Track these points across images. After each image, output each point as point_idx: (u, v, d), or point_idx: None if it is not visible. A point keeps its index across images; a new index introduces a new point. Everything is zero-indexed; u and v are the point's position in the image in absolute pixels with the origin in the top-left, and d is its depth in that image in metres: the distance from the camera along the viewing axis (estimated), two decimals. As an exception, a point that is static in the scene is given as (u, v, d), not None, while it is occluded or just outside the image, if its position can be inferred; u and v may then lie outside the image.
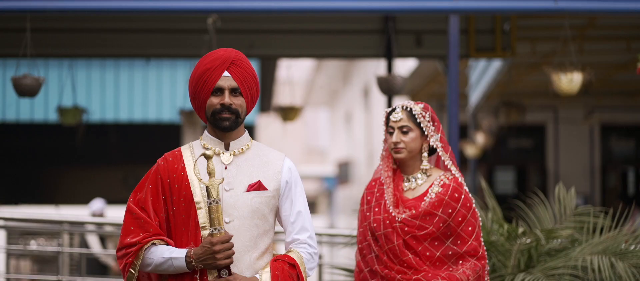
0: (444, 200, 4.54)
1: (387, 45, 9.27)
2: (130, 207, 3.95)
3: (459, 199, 4.56)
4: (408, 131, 4.61)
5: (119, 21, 9.40)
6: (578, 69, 7.94)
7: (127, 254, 3.88)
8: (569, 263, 5.65)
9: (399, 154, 4.61)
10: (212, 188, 3.80)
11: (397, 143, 4.61)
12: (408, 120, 4.61)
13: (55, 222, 7.96)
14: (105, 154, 17.06)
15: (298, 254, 4.01)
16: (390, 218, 4.55)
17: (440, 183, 4.59)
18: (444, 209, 4.54)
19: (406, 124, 4.61)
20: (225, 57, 3.98)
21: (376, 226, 4.57)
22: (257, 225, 3.95)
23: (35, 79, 7.67)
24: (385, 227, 4.54)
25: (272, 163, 4.03)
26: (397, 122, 4.62)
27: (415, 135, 4.60)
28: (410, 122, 4.61)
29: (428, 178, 4.63)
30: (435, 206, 4.54)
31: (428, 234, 4.52)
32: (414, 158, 4.64)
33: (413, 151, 4.61)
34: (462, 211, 4.56)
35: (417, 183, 4.62)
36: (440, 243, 4.53)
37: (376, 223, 4.57)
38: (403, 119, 4.61)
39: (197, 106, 4.03)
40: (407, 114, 4.62)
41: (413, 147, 4.61)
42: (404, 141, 4.60)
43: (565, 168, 17.28)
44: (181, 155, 4.01)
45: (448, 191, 4.56)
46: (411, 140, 4.60)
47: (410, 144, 4.60)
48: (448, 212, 4.54)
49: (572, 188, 6.34)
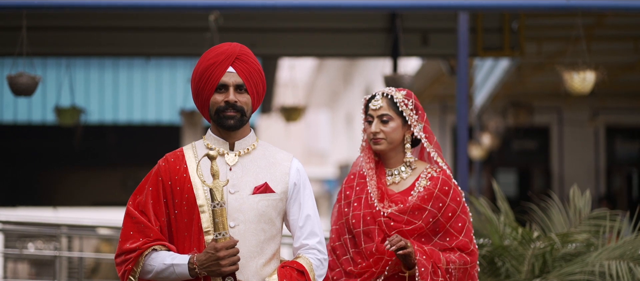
0: (433, 193, 4.22)
1: (393, 44, 9.12)
2: (129, 211, 3.82)
3: (448, 193, 4.25)
4: (388, 120, 4.27)
5: (117, 19, 9.33)
6: (591, 68, 7.77)
7: (126, 260, 3.76)
8: (585, 268, 5.48)
9: (378, 145, 4.29)
10: (216, 191, 3.67)
11: (376, 133, 4.28)
12: (389, 108, 4.27)
13: (53, 225, 7.83)
14: (104, 155, 17.11)
15: (307, 260, 3.86)
16: (373, 214, 4.20)
17: (428, 176, 4.27)
18: (433, 203, 4.21)
19: (386, 113, 4.27)
20: (230, 52, 3.85)
21: (355, 223, 4.24)
22: (263, 230, 3.81)
23: (32, 78, 7.61)
24: (366, 224, 4.20)
25: (280, 164, 3.90)
26: (377, 111, 4.28)
27: (396, 125, 4.27)
28: (391, 111, 4.27)
29: (413, 171, 4.30)
30: (425, 200, 4.21)
31: (416, 229, 4.19)
32: (395, 150, 4.31)
33: (394, 142, 4.28)
34: (451, 206, 4.24)
35: (401, 177, 4.29)
36: (427, 239, 4.20)
37: (355, 219, 4.23)
38: (383, 107, 4.27)
39: (200, 103, 3.90)
40: (388, 101, 4.28)
41: (394, 137, 4.28)
42: (384, 131, 4.27)
43: (569, 170, 17.30)
44: (183, 155, 3.89)
45: (437, 183, 4.24)
46: (392, 130, 4.27)
47: (391, 134, 4.27)
48: (438, 206, 4.22)
49: (587, 191, 6.17)
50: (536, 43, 11.37)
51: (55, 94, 12.47)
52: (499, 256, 5.79)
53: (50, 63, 13.79)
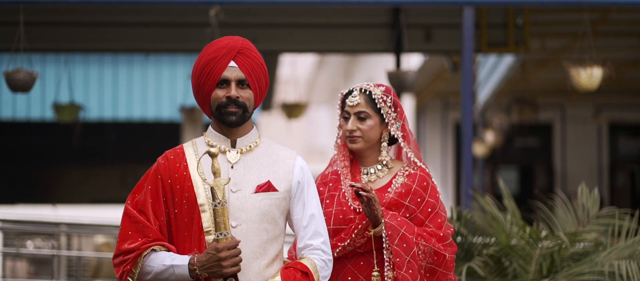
0: (411, 188, 4.02)
1: (397, 39, 9.06)
2: (128, 210, 3.73)
3: (427, 189, 4.04)
4: (366, 117, 4.07)
5: (116, 14, 9.30)
6: (598, 64, 7.68)
7: (124, 261, 3.67)
8: (595, 268, 5.37)
9: (354, 143, 4.10)
10: (218, 189, 3.58)
11: (352, 131, 4.08)
12: (366, 105, 4.08)
13: (52, 224, 7.78)
14: (104, 152, 17.15)
15: (311, 261, 3.76)
16: (344, 211, 4.04)
17: (405, 174, 4.08)
18: (412, 199, 4.01)
19: (364, 110, 4.07)
20: (232, 46, 3.76)
21: (326, 220, 4.03)
22: (266, 230, 3.72)
23: (29, 74, 7.59)
24: (337, 222, 4.03)
25: (283, 162, 3.81)
26: (354, 108, 4.09)
27: (373, 123, 4.08)
28: (368, 108, 4.07)
29: (389, 170, 4.11)
30: (403, 195, 4.02)
31: None
32: (372, 148, 4.11)
33: (371, 140, 4.09)
34: (431, 202, 4.04)
35: (377, 176, 4.10)
36: None
37: (326, 216, 4.04)
38: (361, 103, 4.08)
39: (200, 99, 3.80)
40: (366, 98, 4.08)
41: (371, 136, 4.09)
42: (361, 129, 4.07)
43: (572, 167, 17.31)
44: (183, 153, 3.80)
45: (415, 179, 4.04)
46: (369, 128, 4.07)
47: (368, 132, 4.08)
48: (416, 201, 4.02)
49: (595, 189, 6.07)
50: (539, 39, 11.31)
51: (54, 90, 12.43)
52: (506, 256, 5.69)
53: (49, 59, 13.81)
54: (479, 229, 5.93)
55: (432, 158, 17.02)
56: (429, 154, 17.10)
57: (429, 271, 3.98)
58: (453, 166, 17.00)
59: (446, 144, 17.24)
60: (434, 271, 3.98)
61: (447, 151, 17.20)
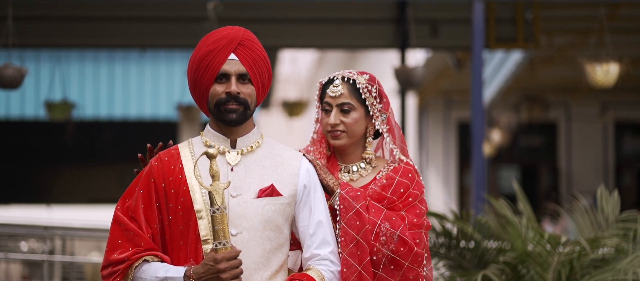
0: (395, 179, 3.65)
1: (402, 35, 9.02)
2: (117, 216, 3.53)
3: (413, 180, 3.68)
4: (350, 109, 3.68)
5: (111, 9, 9.27)
6: (615, 60, 7.48)
7: (114, 272, 3.48)
8: (617, 276, 5.13)
9: (337, 140, 3.72)
10: (216, 194, 3.37)
11: (335, 125, 3.70)
12: (350, 96, 3.69)
13: (46, 227, 7.67)
14: (100, 152, 17.27)
15: (319, 273, 3.53)
16: None
17: (389, 169, 3.71)
18: (394, 190, 3.64)
19: (348, 101, 3.68)
20: (232, 37, 3.55)
21: None
22: (269, 238, 3.51)
23: (18, 70, 7.61)
24: None
25: (288, 164, 3.58)
26: (336, 99, 3.70)
27: (358, 115, 3.69)
28: (352, 99, 3.69)
29: (373, 168, 3.75)
30: (385, 187, 3.66)
31: None
32: (355, 144, 3.74)
33: (355, 135, 3.72)
34: (414, 193, 3.67)
35: (359, 174, 3.74)
36: None
37: None
38: (344, 94, 3.69)
39: (197, 96, 3.59)
40: (349, 87, 3.70)
41: (356, 130, 3.71)
42: (345, 122, 3.69)
43: (577, 167, 17.43)
44: (179, 154, 3.59)
45: (399, 171, 3.68)
46: (354, 121, 3.69)
47: (353, 126, 3.69)
48: (399, 191, 3.65)
49: (615, 192, 5.84)
50: (547, 36, 11.22)
51: (48, 88, 12.44)
52: (523, 262, 5.43)
53: (43, 56, 13.83)
54: (493, 234, 5.69)
55: (434, 157, 17.07)
56: (432, 153, 17.12)
57: (392, 262, 3.61)
58: (456, 166, 17.02)
59: (449, 144, 17.23)
60: (399, 264, 3.61)
61: (449, 150, 17.20)
